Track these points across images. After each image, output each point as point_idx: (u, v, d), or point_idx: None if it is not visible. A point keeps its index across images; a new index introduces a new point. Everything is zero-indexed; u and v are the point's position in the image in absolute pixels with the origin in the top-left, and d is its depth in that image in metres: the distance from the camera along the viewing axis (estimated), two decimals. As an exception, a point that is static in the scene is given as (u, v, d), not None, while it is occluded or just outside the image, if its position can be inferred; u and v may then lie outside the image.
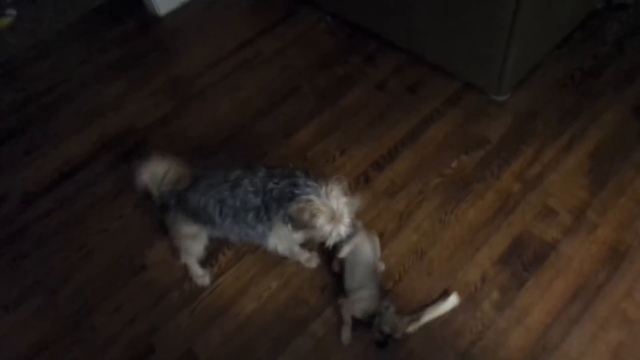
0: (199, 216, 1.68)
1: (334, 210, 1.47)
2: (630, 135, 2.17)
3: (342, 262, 1.81)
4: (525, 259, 1.88)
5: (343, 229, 1.51)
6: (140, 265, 2.01)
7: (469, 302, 1.80)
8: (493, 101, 2.34)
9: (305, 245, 1.82)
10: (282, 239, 1.69)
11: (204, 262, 1.95)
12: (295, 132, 2.36)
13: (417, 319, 1.72)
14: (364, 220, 2.02)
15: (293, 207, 1.48)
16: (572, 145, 2.17)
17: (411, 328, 1.70)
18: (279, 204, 1.53)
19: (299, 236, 1.63)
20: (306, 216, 1.46)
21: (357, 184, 2.14)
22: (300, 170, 1.56)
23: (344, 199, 1.49)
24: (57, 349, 1.83)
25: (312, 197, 1.47)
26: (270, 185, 1.55)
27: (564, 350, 1.68)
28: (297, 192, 1.49)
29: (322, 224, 1.47)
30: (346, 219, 1.50)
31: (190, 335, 1.82)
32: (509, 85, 2.29)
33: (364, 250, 1.79)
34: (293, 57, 2.69)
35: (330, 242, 1.54)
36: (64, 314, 1.91)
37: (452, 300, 1.76)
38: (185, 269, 1.95)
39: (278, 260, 1.93)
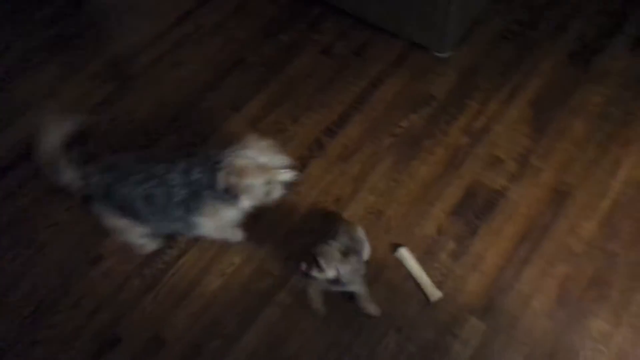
0: (127, 211, 1.64)
1: (261, 162, 1.47)
2: (567, 81, 2.27)
3: None
4: (476, 208, 1.96)
5: (284, 174, 1.51)
6: (96, 255, 1.95)
7: (427, 254, 1.87)
8: (437, 59, 2.38)
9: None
10: (214, 223, 1.67)
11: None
12: (244, 105, 2.32)
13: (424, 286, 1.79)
14: (320, 186, 2.05)
15: (220, 176, 1.46)
16: (513, 96, 2.25)
17: (436, 296, 1.76)
18: (213, 188, 1.51)
19: (243, 207, 1.58)
20: (235, 178, 1.44)
21: (310, 151, 2.15)
22: (217, 149, 1.54)
23: (266, 148, 1.50)
24: (16, 353, 1.77)
25: (233, 158, 1.46)
26: (195, 175, 1.53)
27: (517, 288, 1.79)
28: (219, 165, 1.48)
29: (256, 178, 1.46)
30: (280, 164, 1.50)
31: (156, 320, 1.81)
32: (451, 41, 2.33)
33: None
34: (235, 28, 2.62)
35: (277, 195, 1.54)
36: (20, 316, 1.85)
37: (403, 253, 1.83)
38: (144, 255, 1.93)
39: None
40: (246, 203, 1.53)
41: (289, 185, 1.56)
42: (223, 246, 1.93)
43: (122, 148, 2.21)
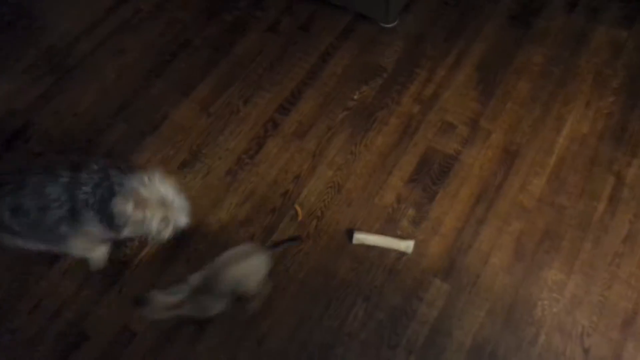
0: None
1: (163, 197, 1.41)
2: (509, 43, 2.34)
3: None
4: (432, 174, 2.01)
5: (180, 217, 1.46)
6: (52, 255, 1.88)
7: (388, 223, 1.91)
8: (383, 29, 2.40)
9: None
10: (81, 245, 1.60)
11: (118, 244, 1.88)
12: (193, 89, 2.27)
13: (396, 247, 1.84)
14: (278, 164, 2.04)
15: (118, 202, 1.38)
16: (459, 61, 2.30)
17: (410, 246, 1.81)
18: (101, 210, 1.43)
19: (122, 236, 1.49)
20: (133, 208, 1.38)
21: (266, 131, 2.13)
22: (113, 168, 1.47)
23: (169, 184, 1.44)
24: (-24, 363, 1.71)
25: (136, 186, 1.39)
26: (82, 196, 1.43)
27: (476, 247, 1.86)
28: (118, 188, 1.40)
29: (153, 213, 1.40)
30: (180, 204, 1.46)
31: (123, 313, 1.78)
32: (395, 11, 2.35)
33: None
34: (177, 10, 2.53)
35: (166, 235, 1.48)
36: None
37: (359, 237, 1.84)
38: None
39: (200, 221, 1.92)
40: (127, 234, 1.45)
41: (180, 229, 1.52)
42: (187, 233, 1.90)
43: (68, 142, 2.13)
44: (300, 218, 1.91)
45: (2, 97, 2.29)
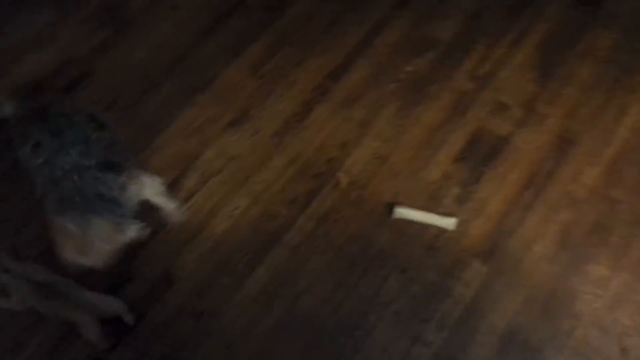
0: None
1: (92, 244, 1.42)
2: (573, 25, 2.23)
3: None
4: (481, 154, 1.96)
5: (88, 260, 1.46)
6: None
7: (431, 199, 1.88)
8: (442, 1, 2.32)
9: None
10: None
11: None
12: (245, 49, 2.27)
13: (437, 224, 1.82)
14: (326, 130, 2.03)
15: (65, 223, 1.38)
16: (519, 40, 2.21)
17: (452, 224, 1.80)
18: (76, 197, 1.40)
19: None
20: (80, 249, 1.40)
21: (314, 97, 2.12)
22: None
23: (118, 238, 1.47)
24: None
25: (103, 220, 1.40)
26: (95, 174, 1.43)
27: (520, 233, 1.82)
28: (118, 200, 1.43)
29: (70, 254, 1.41)
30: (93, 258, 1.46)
31: (165, 260, 1.83)
32: (457, -17, 2.27)
33: None
34: (232, -31, 2.52)
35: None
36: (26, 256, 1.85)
37: (401, 211, 1.82)
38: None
39: (245, 179, 1.94)
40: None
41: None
42: (230, 190, 1.94)
43: (123, 92, 2.18)
44: (343, 185, 1.90)
45: (62, 45, 2.35)
